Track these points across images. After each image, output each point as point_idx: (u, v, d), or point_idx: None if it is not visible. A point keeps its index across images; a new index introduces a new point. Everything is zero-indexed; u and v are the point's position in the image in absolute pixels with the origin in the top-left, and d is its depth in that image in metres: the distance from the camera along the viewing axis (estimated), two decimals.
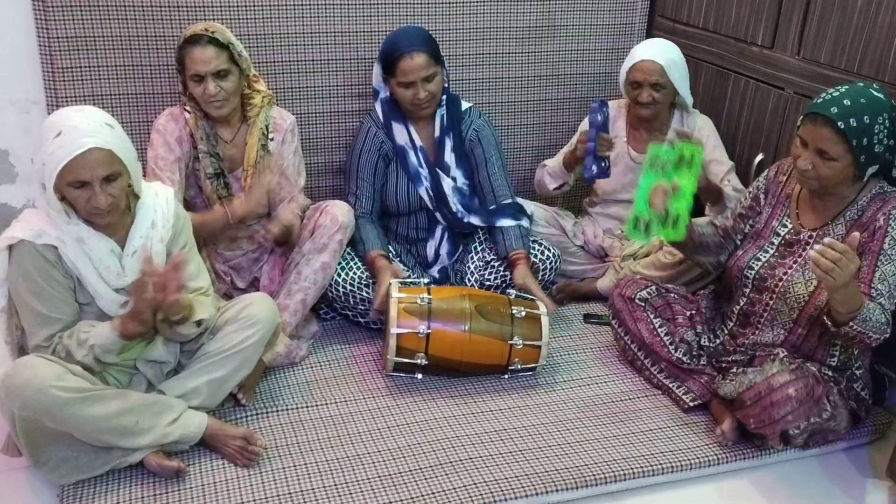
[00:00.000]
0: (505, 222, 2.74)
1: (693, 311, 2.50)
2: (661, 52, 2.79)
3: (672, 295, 2.54)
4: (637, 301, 2.48)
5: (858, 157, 2.02)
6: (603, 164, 2.75)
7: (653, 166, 2.27)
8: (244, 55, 2.47)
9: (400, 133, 2.72)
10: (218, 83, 2.40)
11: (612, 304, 2.58)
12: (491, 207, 2.78)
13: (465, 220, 2.77)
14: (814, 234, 2.20)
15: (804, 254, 2.20)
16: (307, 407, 2.36)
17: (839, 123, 1.98)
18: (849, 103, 1.99)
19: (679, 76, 2.81)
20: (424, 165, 2.72)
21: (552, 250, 2.80)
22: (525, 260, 2.66)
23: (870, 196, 2.13)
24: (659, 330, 2.45)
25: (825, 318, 2.04)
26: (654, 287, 2.53)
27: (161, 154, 2.47)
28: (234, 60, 2.43)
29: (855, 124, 1.98)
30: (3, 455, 2.08)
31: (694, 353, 2.43)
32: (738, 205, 2.43)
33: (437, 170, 2.73)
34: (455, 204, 2.75)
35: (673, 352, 2.42)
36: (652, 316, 2.47)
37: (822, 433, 2.21)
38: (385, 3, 2.92)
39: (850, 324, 1.96)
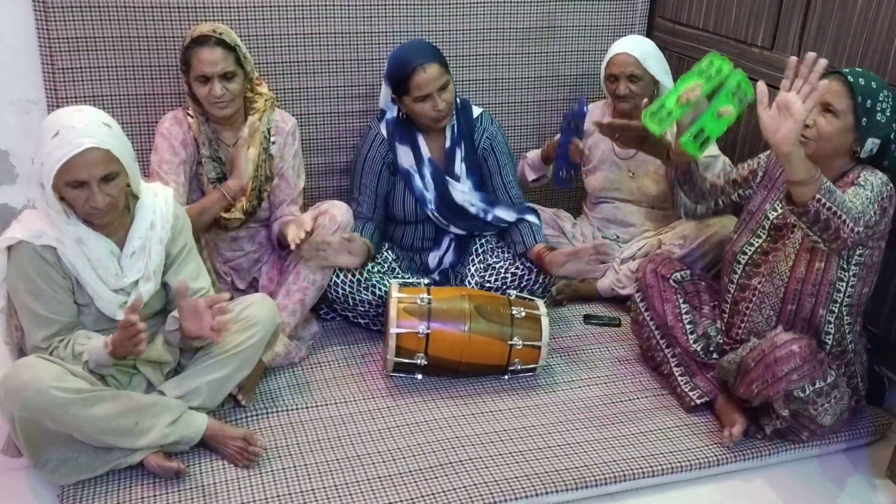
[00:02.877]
0: (532, 217, 2.76)
1: (717, 303, 2.49)
2: (634, 45, 2.84)
3: (703, 283, 2.52)
4: (671, 281, 2.47)
5: (860, 118, 2.06)
6: (572, 171, 2.83)
7: (704, 73, 2.17)
8: (248, 57, 2.48)
9: (405, 156, 2.69)
10: (224, 85, 2.40)
11: (641, 279, 2.52)
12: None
13: (490, 216, 2.73)
14: None
15: (792, 236, 2.21)
16: (307, 408, 2.36)
17: (849, 77, 2.07)
18: (860, 70, 2.12)
19: (658, 67, 2.85)
20: (431, 186, 2.70)
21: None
22: (551, 249, 2.67)
23: (849, 174, 2.16)
24: (684, 316, 2.43)
25: (787, 205, 1.96)
26: (688, 271, 2.52)
27: (166, 158, 2.46)
28: (240, 62, 2.43)
29: (863, 83, 2.07)
30: (3, 455, 2.07)
31: (711, 348, 2.42)
32: (736, 170, 2.44)
33: (447, 178, 2.71)
34: (475, 204, 2.73)
35: (691, 342, 2.41)
36: (681, 300, 2.45)
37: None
38: (386, 4, 2.92)
39: (816, 196, 1.87)
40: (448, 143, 2.72)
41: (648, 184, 2.95)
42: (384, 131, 2.70)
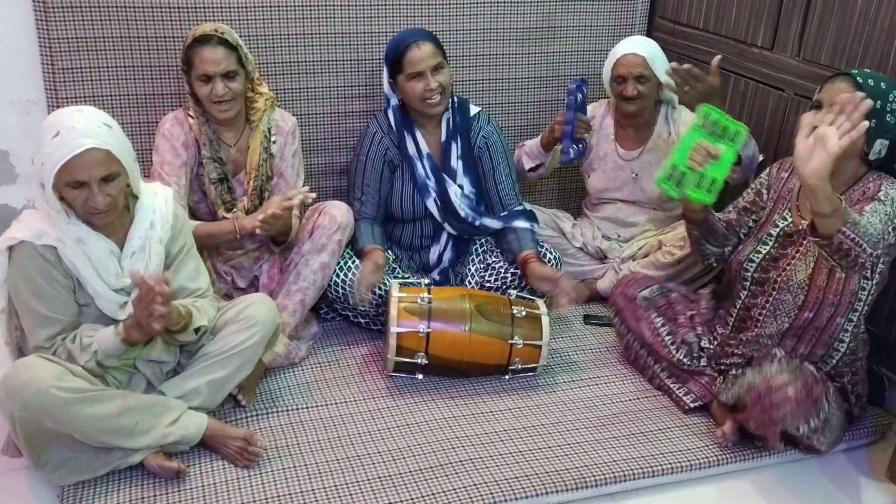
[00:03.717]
0: (520, 223, 2.74)
1: (694, 312, 2.51)
2: (641, 46, 2.82)
3: (673, 295, 2.54)
4: (639, 301, 2.49)
5: (870, 120, 2.04)
6: (580, 146, 2.79)
7: (703, 125, 2.24)
8: (250, 57, 2.48)
9: (410, 144, 2.70)
10: (226, 84, 2.40)
11: (613, 303, 2.58)
12: (502, 214, 2.77)
13: (478, 223, 2.74)
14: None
15: (805, 243, 2.20)
16: (307, 408, 2.36)
17: (858, 79, 2.07)
18: (868, 71, 2.12)
19: (664, 68, 2.82)
20: (431, 175, 2.71)
21: (553, 253, 2.80)
22: (538, 258, 2.66)
23: (866, 182, 2.15)
24: (660, 330, 2.46)
25: (810, 235, 1.98)
26: (655, 286, 2.53)
27: (168, 159, 2.47)
28: (242, 62, 2.44)
29: (872, 84, 2.07)
30: (3, 455, 2.08)
31: (695, 354, 2.44)
32: (742, 199, 2.44)
33: (444, 175, 2.72)
34: (464, 209, 2.73)
35: (674, 352, 2.43)
36: (654, 315, 2.47)
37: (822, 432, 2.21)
38: (386, 4, 2.92)
39: (842, 229, 1.88)
40: (444, 137, 2.72)
41: (651, 185, 2.94)
42: (391, 120, 2.70)
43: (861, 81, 2.06)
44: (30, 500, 2.04)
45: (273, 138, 2.57)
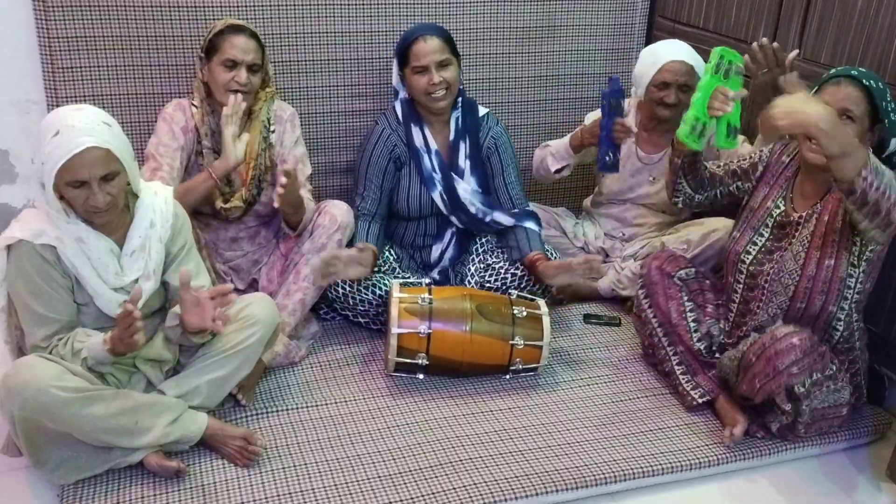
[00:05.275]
0: (530, 224, 2.74)
1: (721, 302, 2.48)
2: (688, 54, 2.74)
3: (707, 282, 2.50)
4: (676, 279, 2.45)
5: (882, 119, 2.08)
6: (618, 153, 2.70)
7: (717, 70, 2.20)
8: (268, 60, 2.55)
9: (417, 135, 2.71)
10: (249, 76, 2.44)
11: (646, 275, 2.48)
12: (513, 212, 2.76)
13: (488, 218, 2.74)
14: (804, 215, 2.21)
15: (798, 234, 2.21)
16: (307, 407, 2.36)
17: (864, 81, 2.07)
18: (864, 71, 2.12)
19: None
20: (438, 170, 2.71)
21: (553, 254, 2.80)
22: (546, 259, 2.65)
23: None
24: (688, 314, 2.42)
25: (836, 185, 1.95)
26: (693, 269, 2.50)
27: (164, 141, 2.48)
28: (263, 61, 2.50)
29: (875, 85, 2.08)
30: (3, 455, 2.07)
31: (714, 348, 2.42)
32: (734, 162, 2.43)
33: (452, 174, 2.72)
34: (475, 204, 2.73)
35: (694, 341, 2.40)
36: (685, 297, 2.44)
37: (827, 411, 2.21)
38: (388, 4, 2.92)
39: (862, 173, 1.85)
40: (452, 136, 2.73)
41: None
42: (399, 112, 2.71)
43: (866, 84, 2.06)
44: (30, 499, 2.04)
45: (272, 128, 2.59)
